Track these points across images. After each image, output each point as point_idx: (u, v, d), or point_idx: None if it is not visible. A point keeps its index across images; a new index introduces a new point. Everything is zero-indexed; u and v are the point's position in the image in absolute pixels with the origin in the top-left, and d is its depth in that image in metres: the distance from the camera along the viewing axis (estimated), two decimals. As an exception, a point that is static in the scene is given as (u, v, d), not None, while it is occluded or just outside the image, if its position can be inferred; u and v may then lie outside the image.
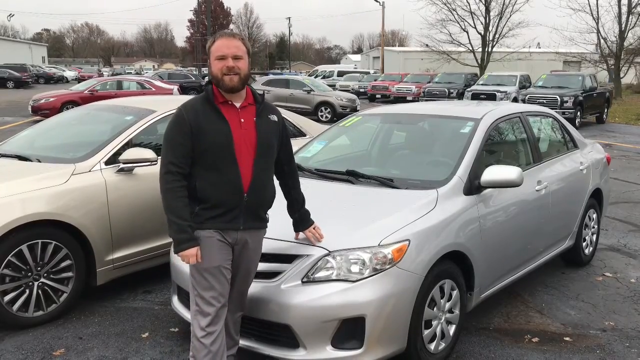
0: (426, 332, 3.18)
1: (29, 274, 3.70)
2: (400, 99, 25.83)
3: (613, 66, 30.91)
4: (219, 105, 2.67)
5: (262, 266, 2.98)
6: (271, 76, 24.50)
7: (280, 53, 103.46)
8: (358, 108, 18.81)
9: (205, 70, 43.20)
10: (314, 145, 4.58)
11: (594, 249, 5.33)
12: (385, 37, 52.47)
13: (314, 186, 3.64)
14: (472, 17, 35.80)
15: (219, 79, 2.63)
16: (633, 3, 29.92)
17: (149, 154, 4.14)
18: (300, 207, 3.03)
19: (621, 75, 31.03)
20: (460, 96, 23.61)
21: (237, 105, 2.70)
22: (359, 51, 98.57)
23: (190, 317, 2.78)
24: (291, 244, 3.04)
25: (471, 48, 36.41)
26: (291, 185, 3.02)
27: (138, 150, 4.21)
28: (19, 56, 55.42)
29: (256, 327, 3.06)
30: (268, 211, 2.84)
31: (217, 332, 2.67)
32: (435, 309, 3.22)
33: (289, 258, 3.02)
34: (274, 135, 2.80)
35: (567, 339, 3.73)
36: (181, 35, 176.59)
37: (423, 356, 3.16)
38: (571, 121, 15.87)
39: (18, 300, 3.68)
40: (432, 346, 3.24)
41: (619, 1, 30.30)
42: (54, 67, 55.80)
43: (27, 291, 3.71)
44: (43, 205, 3.69)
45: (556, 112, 5.38)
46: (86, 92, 17.68)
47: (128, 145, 4.29)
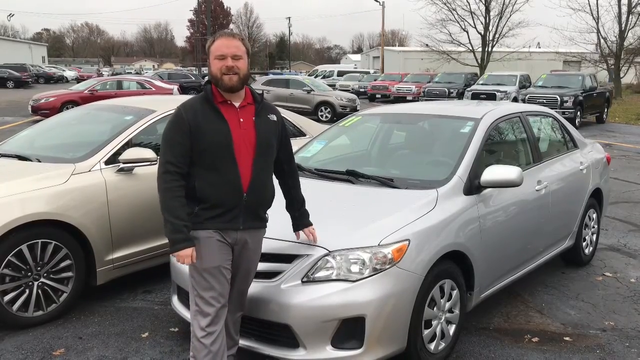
0: (426, 332, 3.18)
1: (29, 274, 3.70)
2: (400, 99, 25.80)
3: (613, 66, 30.92)
4: (218, 104, 2.66)
5: (262, 266, 2.98)
6: (271, 76, 24.46)
7: (280, 53, 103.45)
8: (358, 108, 18.80)
9: (205, 70, 43.18)
10: (314, 145, 4.58)
11: (594, 249, 5.33)
12: (385, 37, 52.46)
13: (314, 186, 3.64)
14: (472, 17, 35.86)
15: (218, 79, 2.63)
16: (633, 3, 29.94)
17: (149, 154, 4.15)
18: (299, 207, 3.03)
19: (621, 75, 31.05)
20: (460, 96, 23.61)
21: (236, 104, 2.69)
22: (359, 51, 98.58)
23: (190, 317, 2.78)
24: (291, 244, 3.04)
25: (471, 48, 36.41)
26: (291, 184, 3.01)
27: (138, 150, 4.21)
28: (19, 56, 55.41)
29: (256, 327, 3.06)
30: (268, 211, 2.84)
31: (217, 332, 2.67)
32: (435, 309, 3.22)
33: (289, 258, 3.02)
34: (273, 134, 2.79)
35: (567, 339, 3.73)
36: (181, 35, 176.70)
37: (423, 356, 3.16)
38: (571, 121, 15.86)
39: (18, 300, 3.68)
40: (432, 346, 3.24)
41: (619, 1, 30.32)
42: (54, 67, 55.78)
43: (27, 291, 3.71)
44: (43, 205, 3.69)
45: (556, 112, 5.37)
46: (86, 92, 17.68)
47: (128, 145, 4.29)
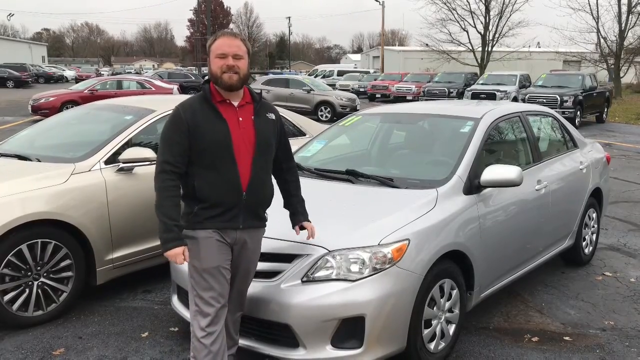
0: (426, 332, 3.18)
1: (29, 274, 3.70)
2: (400, 99, 25.79)
3: (613, 65, 30.93)
4: (217, 104, 2.66)
5: (262, 266, 2.98)
6: (271, 76, 24.46)
7: (280, 52, 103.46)
8: (358, 107, 18.80)
9: (205, 69, 43.16)
10: (314, 144, 4.58)
11: (594, 249, 5.33)
12: (385, 37, 52.46)
13: (314, 186, 3.64)
14: (472, 17, 35.87)
15: (218, 77, 2.62)
16: (633, 2, 29.94)
17: (149, 154, 4.14)
18: (297, 203, 2.98)
19: (621, 74, 31.05)
20: (460, 96, 23.61)
21: (235, 104, 2.69)
22: (359, 51, 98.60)
23: (190, 317, 2.78)
24: (291, 244, 3.03)
25: (471, 47, 36.42)
26: (290, 183, 2.98)
27: (138, 149, 4.21)
28: (19, 56, 55.42)
29: (256, 327, 3.06)
30: (267, 210, 2.84)
31: (217, 333, 2.67)
32: (435, 309, 3.22)
33: (289, 257, 3.02)
34: (272, 133, 2.79)
35: (567, 339, 3.73)
36: (181, 34, 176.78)
37: (423, 355, 3.16)
38: (571, 120, 15.86)
39: (18, 299, 3.67)
40: (432, 345, 3.24)
41: (619, 1, 30.32)
42: (54, 67, 55.82)
43: (27, 291, 3.71)
44: (43, 204, 3.69)
45: (556, 112, 5.37)
46: (86, 92, 17.67)
47: (128, 144, 4.29)
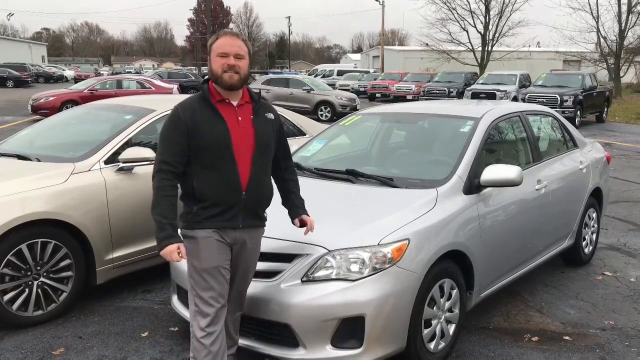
0: (426, 331, 3.18)
1: (29, 273, 3.70)
2: (400, 98, 25.77)
3: (613, 65, 30.92)
4: (216, 103, 2.65)
5: (262, 265, 2.98)
6: (271, 75, 24.45)
7: (280, 52, 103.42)
8: (358, 107, 18.80)
9: (205, 69, 43.15)
10: (314, 144, 4.58)
11: (594, 248, 5.33)
12: (385, 36, 52.46)
13: (314, 185, 3.64)
14: (472, 16, 35.84)
15: (219, 76, 2.62)
16: (633, 2, 29.93)
17: (149, 153, 4.14)
18: (295, 199, 2.96)
19: (621, 74, 31.04)
20: (460, 95, 23.60)
21: (234, 103, 2.69)
22: (359, 50, 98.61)
23: (189, 317, 2.78)
24: (291, 244, 3.03)
25: (471, 47, 36.39)
26: (289, 182, 2.98)
27: (137, 149, 4.21)
28: (19, 55, 55.38)
29: (256, 327, 3.06)
30: (267, 210, 2.84)
31: (217, 333, 2.67)
32: (434, 308, 3.22)
33: (289, 257, 3.02)
34: (271, 133, 2.79)
35: (567, 338, 3.73)
36: (181, 34, 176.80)
37: (423, 355, 3.16)
38: (571, 120, 15.86)
39: (18, 299, 3.67)
40: (432, 345, 3.24)
41: (619, 0, 30.30)
42: (54, 66, 55.82)
43: (27, 290, 3.71)
44: (42, 204, 3.69)
45: (556, 111, 5.37)
46: (86, 91, 17.68)
47: (127, 144, 4.29)
